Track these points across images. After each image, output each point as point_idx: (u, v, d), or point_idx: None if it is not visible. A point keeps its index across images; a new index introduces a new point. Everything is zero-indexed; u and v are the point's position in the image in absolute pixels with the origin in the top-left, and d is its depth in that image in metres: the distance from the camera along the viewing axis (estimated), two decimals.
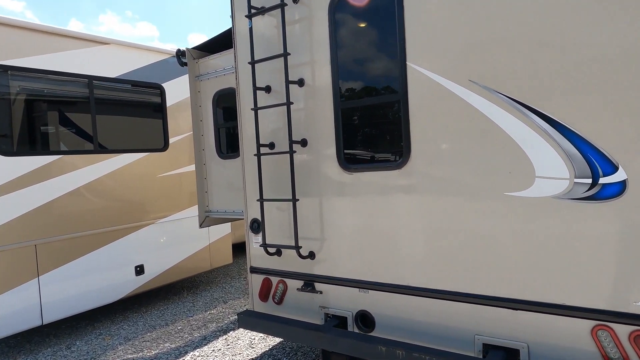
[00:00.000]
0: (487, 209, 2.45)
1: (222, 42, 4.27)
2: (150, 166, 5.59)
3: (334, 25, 2.95)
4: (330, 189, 3.06)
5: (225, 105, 4.28)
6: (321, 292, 3.18)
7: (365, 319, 2.99)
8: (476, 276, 2.50)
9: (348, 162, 2.98)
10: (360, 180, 2.92)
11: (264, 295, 3.49)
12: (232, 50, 4.17)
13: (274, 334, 3.23)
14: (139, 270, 5.49)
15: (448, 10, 2.51)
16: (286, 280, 3.37)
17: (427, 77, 2.60)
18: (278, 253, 3.38)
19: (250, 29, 3.22)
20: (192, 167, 6.11)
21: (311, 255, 3.18)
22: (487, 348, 2.50)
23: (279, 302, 3.41)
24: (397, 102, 2.73)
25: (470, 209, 2.50)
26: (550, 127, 2.25)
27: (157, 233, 5.68)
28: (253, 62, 3.22)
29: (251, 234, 3.54)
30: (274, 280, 3.44)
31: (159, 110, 5.75)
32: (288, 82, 3.05)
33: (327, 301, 3.16)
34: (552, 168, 2.26)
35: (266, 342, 4.48)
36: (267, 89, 3.32)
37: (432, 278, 2.67)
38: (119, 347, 4.61)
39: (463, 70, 2.48)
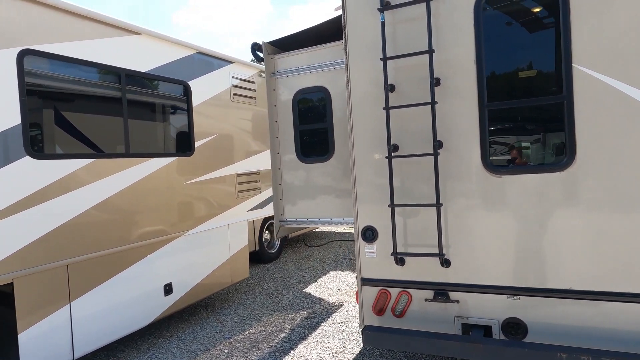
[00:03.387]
0: None
1: (296, 40, 3.97)
2: (176, 172, 5.02)
3: (481, 22, 2.87)
4: (473, 193, 2.94)
5: (308, 106, 3.96)
6: (458, 302, 3.03)
7: (512, 327, 2.89)
8: None
9: (496, 164, 2.89)
10: (511, 183, 2.84)
11: (379, 308, 3.24)
12: (320, 47, 3.92)
13: (415, 348, 3.00)
14: (168, 289, 4.88)
15: (623, 11, 2.54)
16: (411, 290, 3.16)
17: (597, 79, 2.61)
18: (400, 262, 3.17)
19: (383, 24, 3.01)
20: (219, 173, 5.65)
21: (446, 262, 3.03)
22: None
23: (400, 314, 3.19)
24: (559, 104, 2.70)
25: None
26: None
27: (184, 247, 5.10)
28: (385, 59, 3.01)
29: (363, 243, 3.29)
30: (394, 291, 3.21)
31: (184, 110, 5.20)
32: (433, 81, 2.89)
33: (465, 310, 3.01)
34: None
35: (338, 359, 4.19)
36: (391, 88, 3.13)
37: (606, 281, 2.65)
38: None
39: None
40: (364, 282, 3.30)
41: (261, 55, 4.05)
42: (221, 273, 5.70)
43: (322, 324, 5.09)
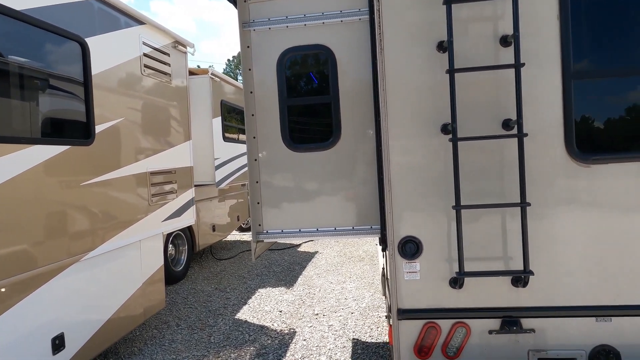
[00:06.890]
0: None
1: None
2: (70, 168, 3.42)
3: None
4: (552, 187, 2.27)
5: (301, 71, 2.84)
6: (533, 331, 2.32)
7: (602, 357, 2.29)
8: None
9: (583, 151, 2.26)
10: (604, 173, 2.24)
11: (425, 348, 2.37)
12: None
13: None
14: (58, 343, 3.25)
15: None
16: (468, 321, 2.36)
17: None
18: (456, 284, 2.34)
19: None
20: (128, 171, 4.13)
21: (521, 281, 2.30)
22: None
23: (455, 354, 2.36)
24: None
25: None
26: None
27: (81, 277, 3.50)
28: (450, 2, 2.15)
29: (401, 261, 2.38)
30: (445, 324, 2.37)
31: (79, 79, 3.59)
32: (518, 34, 2.13)
33: (542, 341, 2.32)
34: None
35: None
36: (440, 46, 2.29)
37: None
38: None
39: None
40: (402, 314, 2.39)
41: None
42: (132, 306, 4.16)
43: None
